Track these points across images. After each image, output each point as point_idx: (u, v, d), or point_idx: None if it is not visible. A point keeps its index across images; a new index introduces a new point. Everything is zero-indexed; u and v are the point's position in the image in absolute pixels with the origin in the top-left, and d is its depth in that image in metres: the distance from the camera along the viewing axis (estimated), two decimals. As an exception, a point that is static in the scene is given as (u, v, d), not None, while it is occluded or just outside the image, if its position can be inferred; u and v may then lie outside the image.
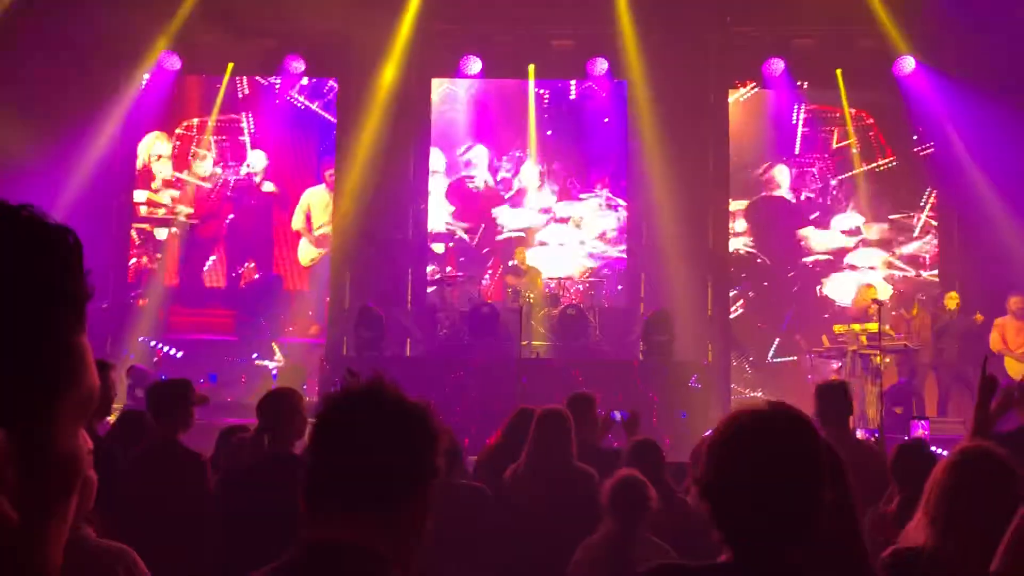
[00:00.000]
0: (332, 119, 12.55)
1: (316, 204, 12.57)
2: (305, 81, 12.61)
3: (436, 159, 12.57)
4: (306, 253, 12.54)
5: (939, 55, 11.56)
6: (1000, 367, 10.01)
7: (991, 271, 10.94)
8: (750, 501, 1.62)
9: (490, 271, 12.41)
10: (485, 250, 12.50)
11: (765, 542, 1.62)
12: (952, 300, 10.48)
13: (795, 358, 11.91)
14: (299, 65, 12.10)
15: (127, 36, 11.61)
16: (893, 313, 10.92)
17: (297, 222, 12.54)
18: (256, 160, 12.58)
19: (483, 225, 12.53)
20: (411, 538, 1.47)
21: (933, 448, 4.52)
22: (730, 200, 12.39)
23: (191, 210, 12.54)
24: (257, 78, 12.60)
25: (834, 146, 12.49)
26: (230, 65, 12.30)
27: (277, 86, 12.63)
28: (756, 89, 12.45)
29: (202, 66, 12.37)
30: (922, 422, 4.31)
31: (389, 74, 11.84)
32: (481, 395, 9.06)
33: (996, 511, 2.42)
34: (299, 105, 12.67)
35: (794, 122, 12.52)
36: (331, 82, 12.60)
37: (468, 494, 4.11)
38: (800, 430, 1.67)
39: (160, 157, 12.57)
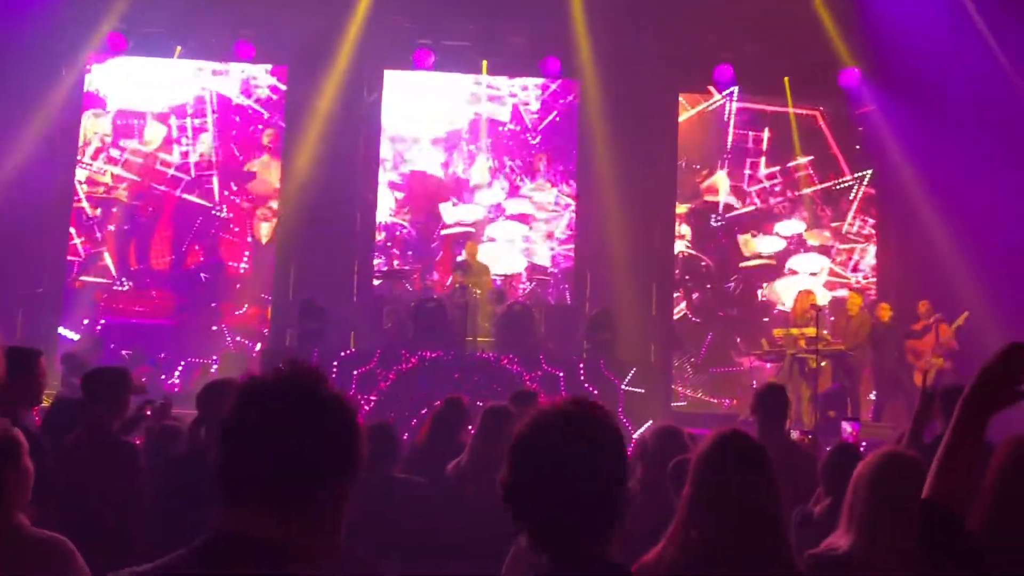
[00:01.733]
0: (279, 108, 12.40)
1: (266, 176, 12.39)
2: (255, 67, 12.42)
3: (385, 151, 12.50)
4: (257, 232, 12.34)
5: (882, 68, 11.85)
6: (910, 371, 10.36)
7: (924, 279, 11.26)
8: (548, 501, 1.58)
9: (438, 266, 12.39)
10: (433, 244, 12.48)
11: (569, 541, 1.59)
12: (885, 312, 10.75)
13: (736, 361, 12.13)
14: (248, 51, 11.91)
15: (73, 15, 11.35)
16: (831, 318, 11.19)
17: (250, 195, 12.37)
18: (203, 142, 12.37)
19: (431, 219, 12.50)
20: (323, 531, 1.41)
21: (864, 451, 4.65)
22: (677, 203, 12.56)
23: (133, 191, 12.27)
24: (205, 62, 12.38)
25: (773, 151, 12.71)
26: (178, 49, 12.07)
27: (227, 71, 12.43)
28: (718, 104, 12.61)
29: (149, 48, 12.12)
30: (851, 423, 4.45)
31: (341, 64, 11.74)
32: (425, 390, 9.05)
33: (912, 515, 2.51)
34: (248, 90, 12.47)
35: (739, 128, 12.72)
36: (273, 76, 12.45)
37: (406, 488, 4.11)
38: (601, 428, 1.65)
39: (103, 136, 12.29)
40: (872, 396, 10.98)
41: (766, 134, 12.72)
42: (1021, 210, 10.74)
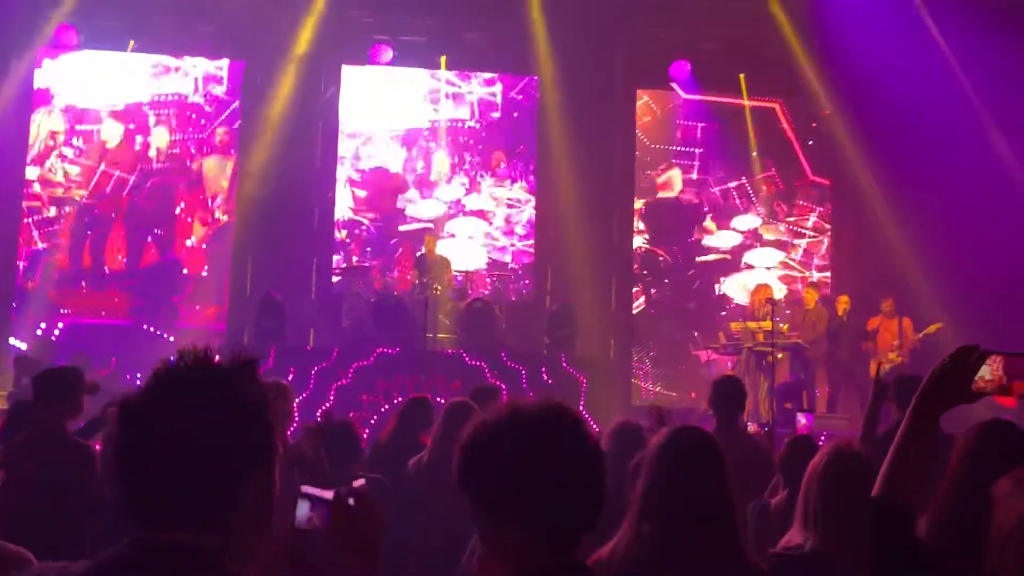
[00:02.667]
0: (236, 104, 12.25)
1: (220, 173, 12.23)
2: (211, 62, 12.25)
3: (344, 145, 12.41)
4: (211, 229, 12.18)
5: (836, 65, 12.02)
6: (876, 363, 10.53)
7: (878, 273, 11.48)
8: (507, 509, 1.55)
9: (397, 262, 12.35)
10: (393, 241, 12.43)
11: (547, 546, 1.56)
12: (842, 304, 10.93)
13: (694, 355, 12.26)
14: (204, 45, 11.76)
15: (23, 7, 11.11)
16: (788, 311, 11.35)
17: (205, 192, 12.21)
18: (158, 138, 12.18)
19: (390, 216, 12.45)
20: (253, 528, 1.36)
21: (820, 443, 4.73)
22: (635, 199, 12.66)
23: (86, 190, 12.05)
24: (160, 56, 12.19)
25: (729, 146, 12.86)
26: (131, 42, 11.87)
27: (182, 66, 12.25)
28: (674, 100, 12.71)
29: (101, 42, 11.90)
30: (806, 415, 4.54)
31: (298, 59, 11.64)
32: (384, 387, 9.02)
33: (862, 510, 2.55)
34: (204, 85, 12.30)
35: (696, 124, 12.84)
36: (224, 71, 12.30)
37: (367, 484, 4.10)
38: (560, 428, 1.60)
39: (55, 134, 12.05)
40: (827, 388, 11.16)
41: (722, 130, 12.84)
42: (968, 203, 10.97)
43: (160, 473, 1.30)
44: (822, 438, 6.14)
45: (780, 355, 10.01)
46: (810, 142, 12.81)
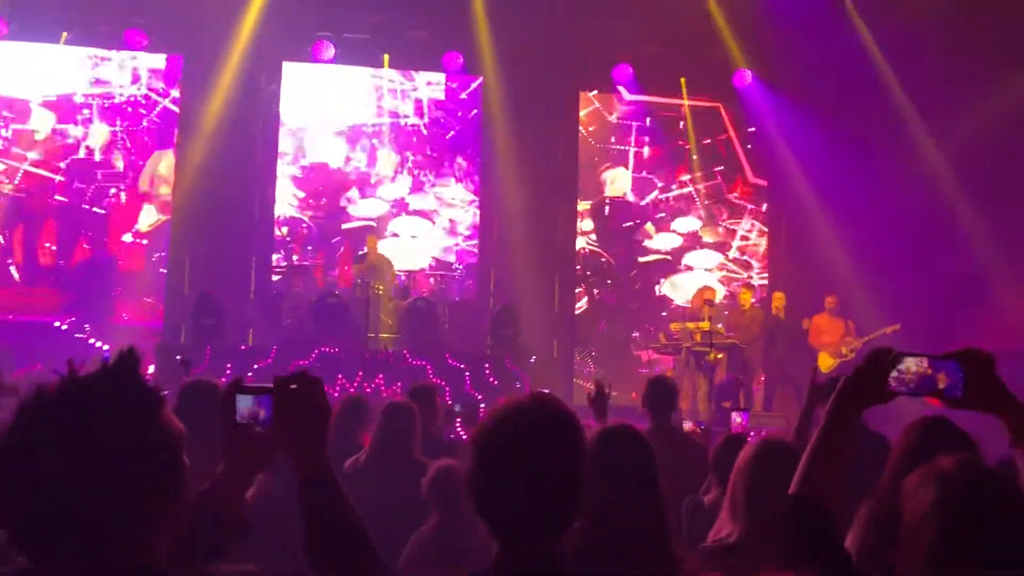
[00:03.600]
0: (174, 102, 12.02)
1: (160, 167, 11.97)
2: (148, 56, 11.98)
3: (285, 142, 12.26)
4: (150, 224, 11.92)
5: (773, 69, 12.28)
6: (814, 362, 10.77)
7: (815, 273, 11.73)
8: (514, 495, 1.62)
9: (339, 261, 12.24)
10: (335, 239, 12.31)
11: (529, 536, 1.63)
12: (777, 301, 11.15)
13: (635, 354, 12.39)
14: (141, 39, 11.50)
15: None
16: (726, 312, 11.54)
17: (144, 183, 11.92)
18: (96, 133, 11.88)
19: (332, 214, 12.33)
20: (154, 553, 1.30)
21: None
22: (578, 200, 12.75)
23: (13, 183, 11.69)
24: (94, 49, 11.89)
25: (670, 149, 13.03)
26: (64, 35, 11.55)
27: (118, 59, 11.96)
28: (617, 101, 12.82)
29: (33, 33, 11.56)
30: (741, 414, 4.62)
31: (238, 54, 11.46)
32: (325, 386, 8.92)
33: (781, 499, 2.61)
34: (140, 79, 12.04)
35: (638, 126, 12.98)
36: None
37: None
38: (557, 423, 1.68)
39: (-18, 127, 11.68)
40: (763, 387, 11.38)
41: (664, 132, 13.00)
42: (899, 203, 11.29)
43: (45, 514, 1.21)
44: (752, 436, 6.24)
45: (719, 355, 10.17)
46: (748, 146, 13.05)
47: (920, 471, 1.63)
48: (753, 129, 12.91)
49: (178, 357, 7.55)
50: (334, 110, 12.41)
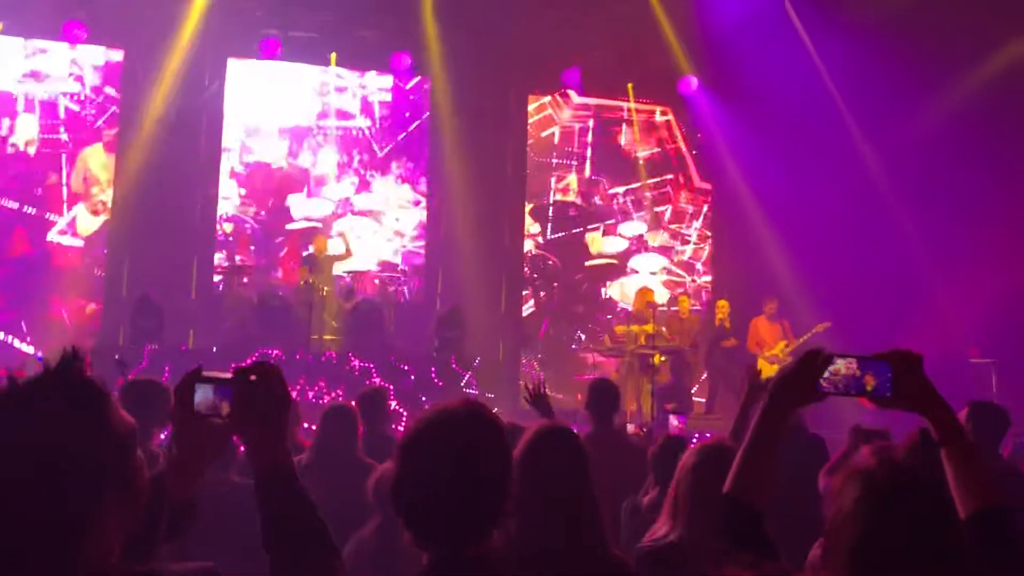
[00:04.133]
0: (114, 93, 11.76)
1: (95, 165, 11.68)
2: (88, 48, 11.69)
3: (229, 140, 12.07)
4: (85, 223, 11.63)
5: (718, 75, 12.47)
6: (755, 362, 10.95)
7: (757, 276, 11.93)
8: (435, 498, 1.63)
9: (283, 261, 12.09)
10: (278, 239, 12.15)
11: (454, 538, 1.64)
12: (722, 310, 11.31)
13: (580, 357, 12.47)
14: (80, 31, 11.22)
15: None
16: (671, 312, 11.66)
17: (76, 184, 11.61)
18: (26, 124, 11.55)
19: (276, 213, 12.17)
20: (117, 536, 1.31)
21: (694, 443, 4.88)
22: (526, 202, 12.79)
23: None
24: (31, 40, 11.56)
25: (616, 154, 13.15)
26: (-1, 24, 11.23)
27: (55, 51, 11.64)
28: (565, 105, 12.89)
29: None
30: (678, 416, 4.71)
31: (181, 50, 11.25)
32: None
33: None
34: (79, 72, 11.74)
35: (585, 129, 13.07)
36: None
37: (243, 491, 4.00)
38: (481, 427, 1.70)
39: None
40: (705, 390, 11.53)
41: (611, 136, 13.11)
42: (839, 209, 11.54)
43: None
44: (694, 438, 6.33)
45: (662, 358, 10.27)
46: (694, 152, 13.22)
47: (844, 470, 1.66)
48: (699, 135, 13.09)
49: (116, 357, 7.39)
50: (279, 108, 12.26)
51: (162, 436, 4.45)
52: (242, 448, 1.55)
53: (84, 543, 1.26)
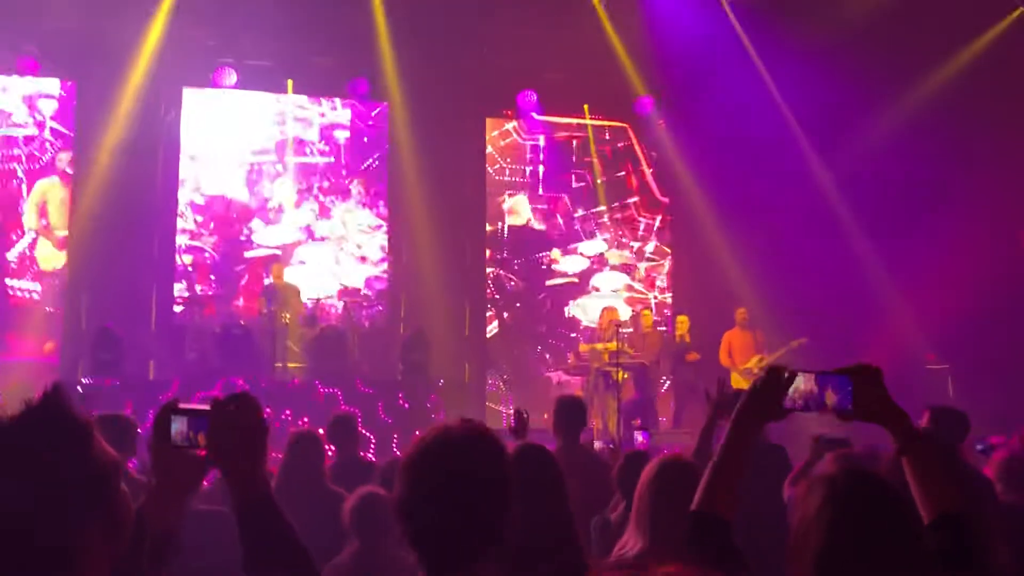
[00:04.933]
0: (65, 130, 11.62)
1: (52, 199, 11.49)
2: (40, 81, 11.54)
3: (186, 170, 11.98)
4: (48, 257, 11.42)
5: (673, 95, 12.66)
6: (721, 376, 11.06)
7: (718, 292, 12.09)
8: (440, 519, 1.65)
9: (244, 290, 11.99)
10: (238, 268, 12.06)
11: (456, 559, 1.66)
12: (682, 325, 11.43)
13: (545, 376, 12.51)
14: (32, 66, 11.08)
15: None
16: (630, 330, 11.76)
17: (30, 220, 11.40)
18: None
19: (235, 243, 12.07)
20: (102, 569, 1.31)
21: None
22: (487, 225, 12.85)
23: None
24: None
25: (575, 174, 13.27)
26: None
27: (4, 83, 11.49)
28: (521, 128, 13.00)
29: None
30: (642, 432, 4.77)
31: (136, 79, 11.17)
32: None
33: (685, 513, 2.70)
34: (32, 106, 11.58)
35: (544, 151, 13.17)
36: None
37: (209, 519, 3.97)
38: (484, 448, 1.73)
39: None
40: (670, 404, 11.63)
41: (568, 157, 13.23)
42: (796, 223, 11.74)
43: None
44: (664, 451, 6.38)
45: (625, 375, 10.35)
46: (651, 169, 13.38)
47: (809, 479, 1.72)
48: (655, 154, 13.26)
49: (79, 390, 7.29)
50: (237, 137, 12.21)
51: (129, 466, 4.41)
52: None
53: (70, 572, 1.27)
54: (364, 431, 7.97)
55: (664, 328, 12.06)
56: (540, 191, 13.14)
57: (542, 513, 2.40)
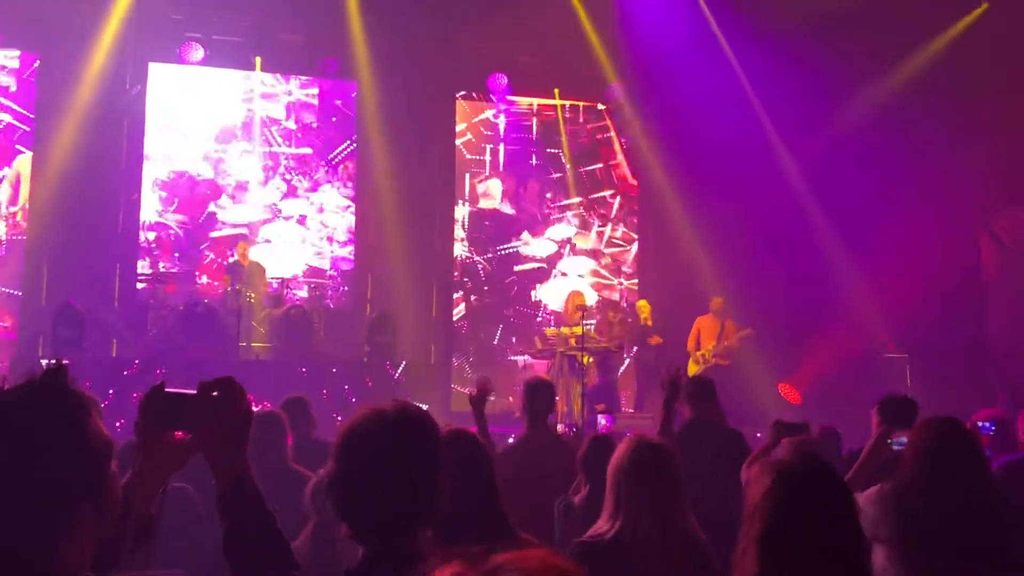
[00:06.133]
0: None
1: (26, 175, 11.28)
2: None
3: (152, 146, 11.82)
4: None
5: (642, 82, 12.70)
6: (683, 361, 11.21)
7: (682, 279, 12.21)
8: (369, 497, 1.69)
9: (208, 268, 11.88)
10: (203, 246, 11.94)
11: (391, 533, 1.70)
12: (643, 310, 11.53)
13: (511, 360, 12.56)
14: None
15: None
16: (598, 317, 11.85)
17: (3, 192, 11.22)
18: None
19: (201, 220, 11.95)
20: (80, 554, 1.34)
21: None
22: (457, 206, 12.83)
23: None
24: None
25: (544, 157, 13.29)
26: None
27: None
28: (491, 111, 12.97)
29: None
30: (606, 416, 4.83)
31: (101, 53, 10.98)
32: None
33: (662, 493, 2.76)
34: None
35: (513, 135, 13.17)
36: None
37: (169, 495, 3.96)
38: (416, 428, 1.76)
39: None
40: (633, 389, 11.75)
41: (538, 141, 13.23)
42: (760, 212, 11.87)
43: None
44: (628, 434, 6.46)
45: (589, 359, 10.43)
46: (621, 156, 13.43)
47: (762, 463, 1.79)
48: (624, 141, 13.32)
49: (44, 362, 7.18)
50: (203, 113, 12.06)
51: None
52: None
53: (60, 548, 1.30)
54: (330, 412, 7.98)
55: (630, 320, 12.14)
56: (511, 174, 13.13)
57: (472, 487, 2.47)
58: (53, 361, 1.38)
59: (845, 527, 1.68)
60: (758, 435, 6.74)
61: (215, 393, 1.60)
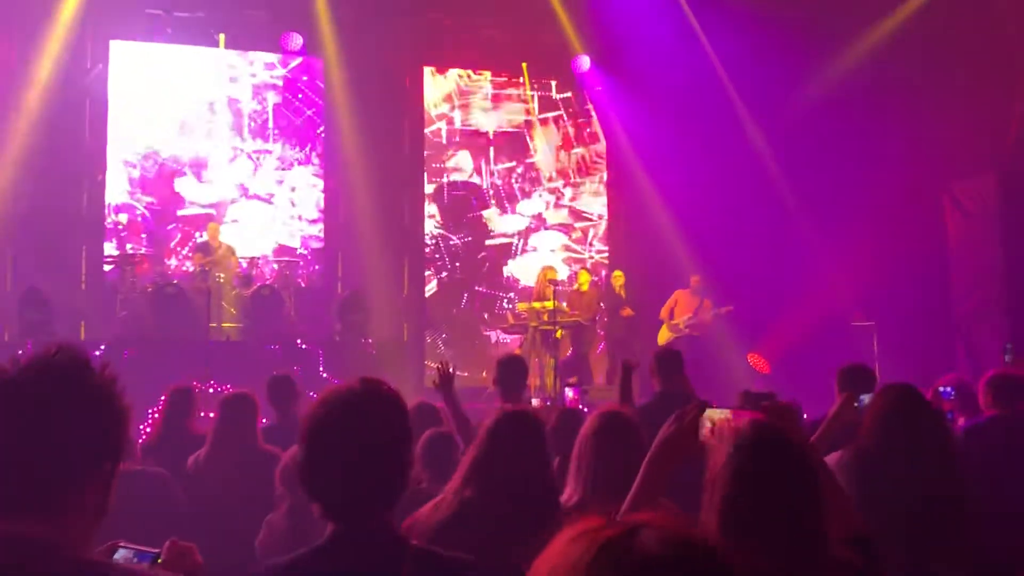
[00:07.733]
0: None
1: None
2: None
3: (116, 126, 11.64)
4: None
5: (610, 56, 12.69)
6: (653, 334, 11.33)
7: (651, 253, 12.29)
8: (338, 475, 1.72)
9: (177, 249, 11.78)
10: (171, 226, 11.82)
11: (360, 509, 1.73)
12: (617, 280, 11.60)
13: (484, 335, 12.60)
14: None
15: None
16: (571, 289, 11.91)
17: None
18: None
19: (168, 200, 11.82)
20: (94, 519, 1.39)
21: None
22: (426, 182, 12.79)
23: None
24: None
25: (513, 132, 13.27)
26: None
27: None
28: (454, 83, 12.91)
29: None
30: (574, 389, 4.91)
31: (61, 30, 10.77)
32: (163, 379, 8.61)
33: (626, 461, 2.81)
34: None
35: (482, 110, 13.13)
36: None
37: (148, 481, 3.97)
38: (384, 406, 1.79)
39: None
40: (605, 362, 11.84)
41: (504, 115, 13.20)
42: (728, 184, 11.96)
43: (22, 459, 1.32)
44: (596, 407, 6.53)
45: (562, 333, 10.50)
46: (589, 130, 13.44)
47: (715, 432, 1.84)
48: (593, 114, 13.32)
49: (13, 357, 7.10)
50: (168, 92, 11.89)
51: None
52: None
53: (79, 500, 1.35)
54: (304, 391, 7.97)
55: (597, 284, 12.20)
56: (478, 149, 13.10)
57: (520, 471, 2.58)
58: (27, 345, 1.41)
59: (805, 494, 1.72)
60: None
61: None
